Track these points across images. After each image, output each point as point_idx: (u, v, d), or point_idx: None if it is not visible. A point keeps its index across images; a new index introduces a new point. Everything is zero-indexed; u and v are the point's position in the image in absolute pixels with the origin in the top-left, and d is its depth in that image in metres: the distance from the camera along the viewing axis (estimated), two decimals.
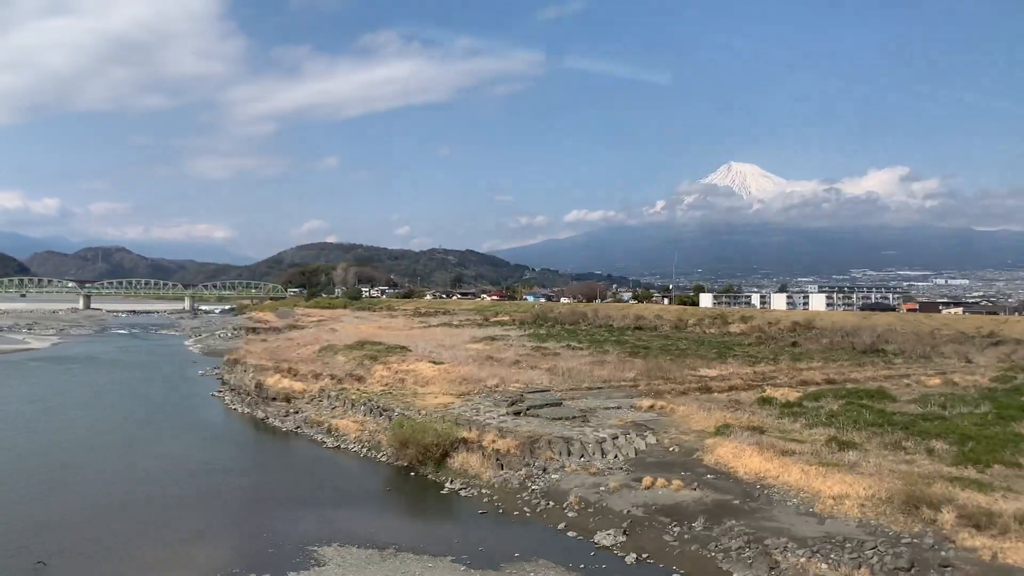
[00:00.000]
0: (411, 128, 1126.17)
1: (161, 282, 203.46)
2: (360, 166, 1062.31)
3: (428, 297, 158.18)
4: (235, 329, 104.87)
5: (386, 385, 42.20)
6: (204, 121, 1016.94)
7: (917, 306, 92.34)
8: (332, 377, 45.08)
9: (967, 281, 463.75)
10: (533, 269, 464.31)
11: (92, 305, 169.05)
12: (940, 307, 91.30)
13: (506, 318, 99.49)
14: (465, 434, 28.85)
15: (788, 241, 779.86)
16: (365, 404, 37.16)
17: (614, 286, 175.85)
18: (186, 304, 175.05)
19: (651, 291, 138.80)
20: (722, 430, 28.19)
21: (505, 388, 39.24)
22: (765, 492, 22.15)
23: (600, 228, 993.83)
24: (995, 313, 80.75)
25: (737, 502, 21.71)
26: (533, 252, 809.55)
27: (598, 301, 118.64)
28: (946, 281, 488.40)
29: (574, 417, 31.56)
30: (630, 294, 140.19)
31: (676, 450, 27.46)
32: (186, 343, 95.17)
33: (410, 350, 56.16)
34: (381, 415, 34.86)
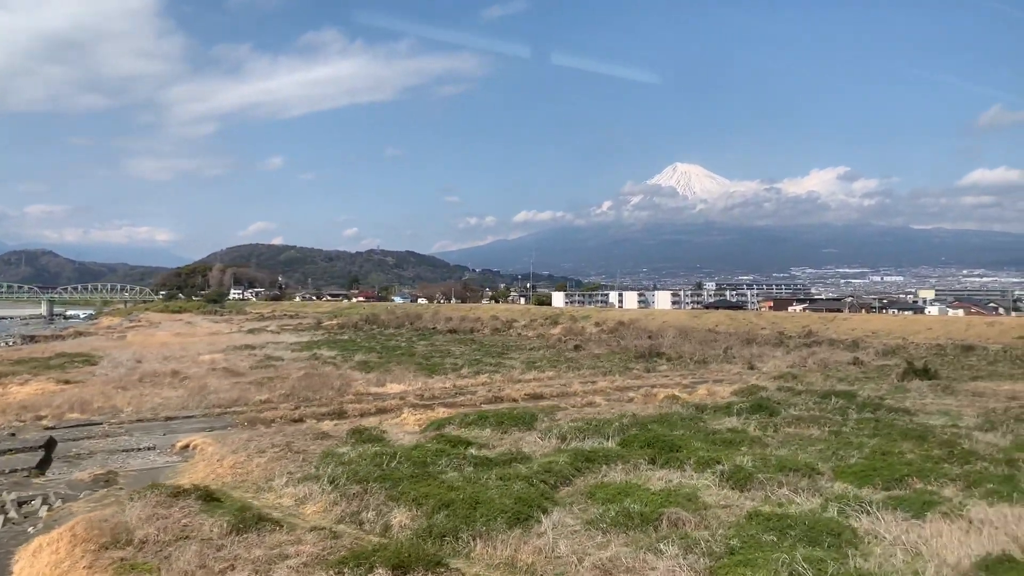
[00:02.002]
0: (357, 128, 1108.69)
1: (25, 286, 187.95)
2: (306, 167, 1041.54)
3: (297, 299, 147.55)
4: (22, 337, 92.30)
5: None
6: (144, 121, 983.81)
7: (772, 304, 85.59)
8: None
9: (902, 278, 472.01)
10: (473, 270, 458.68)
11: None
12: (788, 305, 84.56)
13: (333, 322, 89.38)
14: None
15: (731, 240, 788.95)
16: None
17: (502, 285, 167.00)
18: (43, 309, 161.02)
19: (510, 290, 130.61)
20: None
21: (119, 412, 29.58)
22: None
23: (549, 229, 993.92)
24: (839, 310, 73.89)
25: None
26: (482, 253, 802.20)
27: (453, 301, 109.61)
28: (882, 278, 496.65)
29: (18, 470, 21.70)
30: (516, 293, 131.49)
31: None
32: None
33: (95, 363, 46.10)
34: None
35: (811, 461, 20.87)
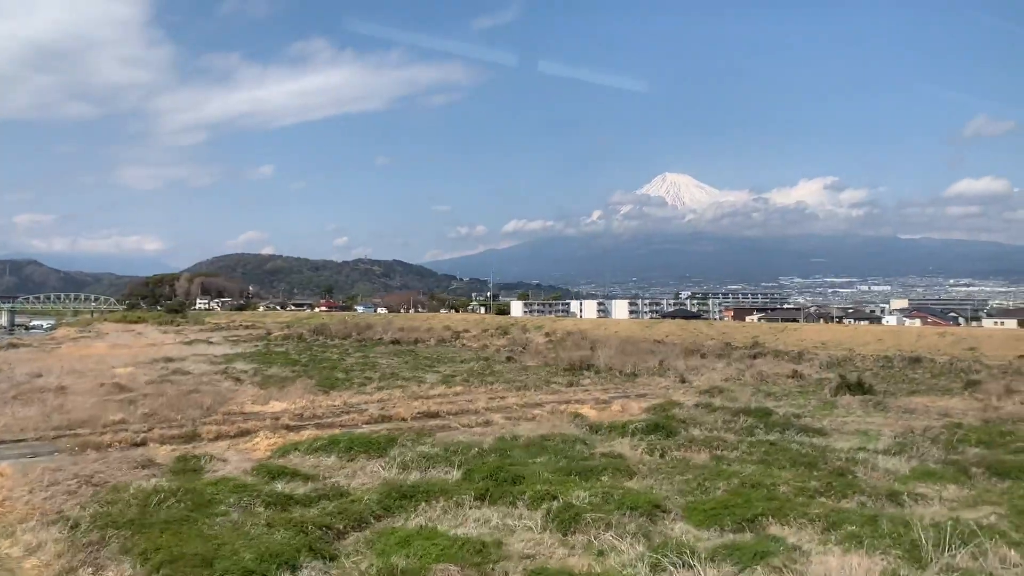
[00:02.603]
0: (348, 137, 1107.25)
1: None
2: (296, 176, 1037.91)
3: (262, 309, 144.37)
4: None
5: None
6: (132, 130, 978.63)
7: (733, 313, 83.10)
8: None
9: (889, 287, 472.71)
10: (461, 279, 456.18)
11: None
12: (749, 314, 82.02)
13: (281, 332, 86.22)
14: None
15: (720, 250, 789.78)
16: None
17: (472, 294, 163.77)
18: (3, 319, 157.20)
19: (471, 300, 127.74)
20: None
21: None
22: None
23: (539, 238, 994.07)
24: (794, 320, 71.33)
25: None
26: (473, 262, 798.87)
27: (413, 311, 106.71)
28: (869, 287, 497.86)
29: None
30: (476, 303, 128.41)
31: None
32: None
33: None
34: None
35: (664, 496, 18.18)
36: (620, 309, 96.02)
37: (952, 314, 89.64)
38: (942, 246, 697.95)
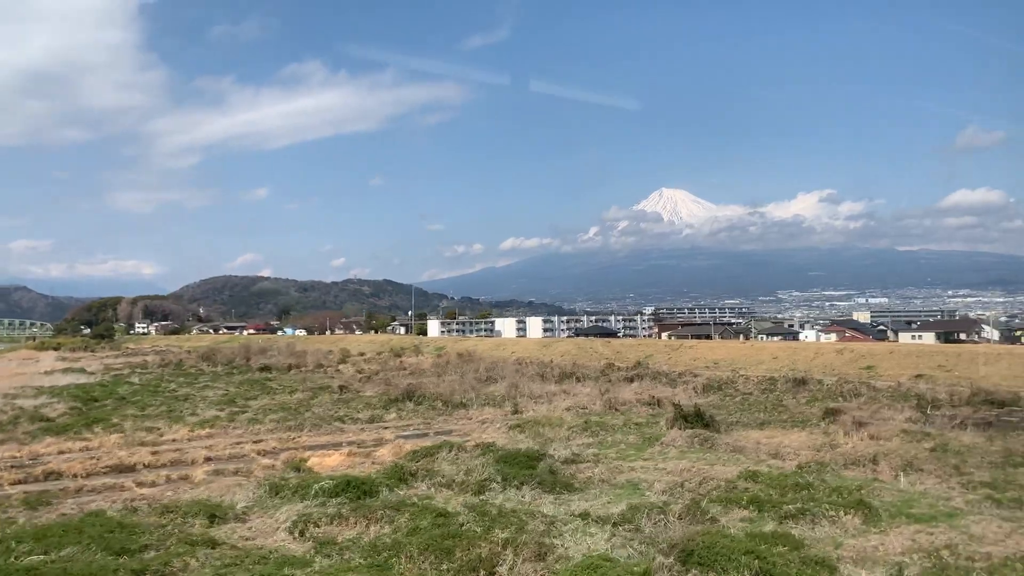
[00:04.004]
0: (342, 158, 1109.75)
1: None
2: (291, 197, 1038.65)
3: (194, 332, 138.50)
4: None
5: None
6: (127, 154, 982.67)
7: (658, 329, 76.35)
8: None
9: (887, 300, 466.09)
10: (452, 298, 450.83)
11: None
12: (672, 329, 75.30)
13: (178, 358, 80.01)
14: None
15: (717, 265, 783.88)
16: None
17: (409, 312, 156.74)
18: None
19: (394, 319, 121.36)
20: None
21: None
22: None
23: (536, 255, 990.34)
24: (708, 336, 64.74)
25: None
26: (470, 281, 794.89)
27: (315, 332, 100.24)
28: (867, 300, 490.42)
29: None
30: (397, 323, 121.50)
31: None
32: None
33: None
34: None
35: None
36: (534, 327, 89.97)
37: (881, 327, 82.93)
38: (940, 257, 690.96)
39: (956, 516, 18.68)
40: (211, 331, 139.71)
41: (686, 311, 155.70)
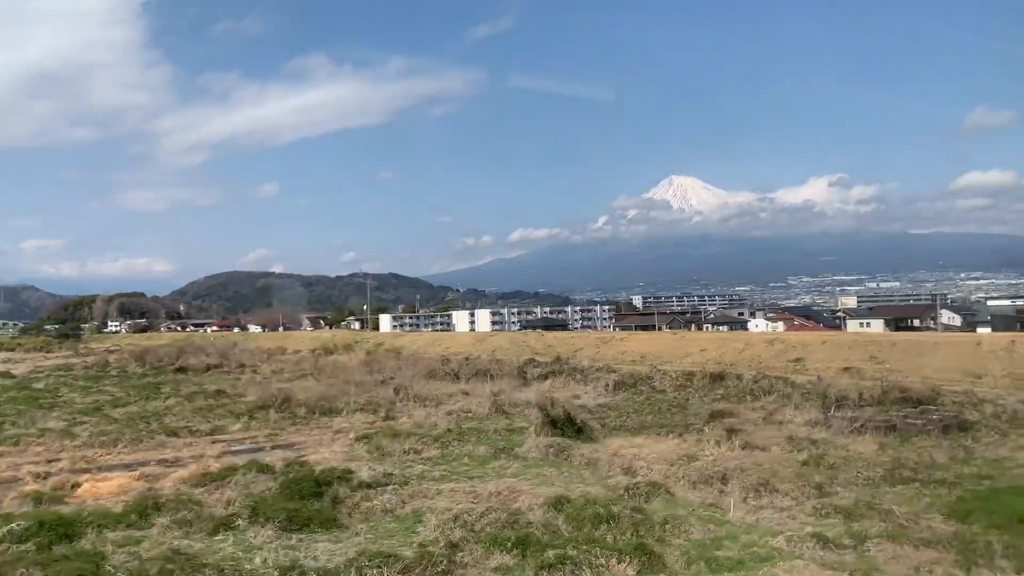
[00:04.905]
0: (350, 152, 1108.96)
1: None
2: (300, 192, 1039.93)
3: (163, 330, 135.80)
4: None
5: None
6: (134, 152, 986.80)
7: (614, 321, 71.99)
8: None
9: (899, 283, 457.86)
10: (458, 290, 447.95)
11: None
12: (627, 319, 70.99)
13: (114, 357, 77.01)
14: None
15: (728, 252, 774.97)
16: None
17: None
18: None
19: (351, 314, 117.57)
20: None
21: None
22: None
23: (546, 246, 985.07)
24: (652, 327, 60.40)
25: None
26: (480, 273, 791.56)
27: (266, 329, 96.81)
28: (878, 284, 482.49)
29: None
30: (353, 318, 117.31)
31: None
32: None
33: None
34: None
35: None
36: (483, 320, 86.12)
37: (839, 315, 77.80)
38: (953, 240, 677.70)
39: (769, 561, 14.65)
40: (179, 329, 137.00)
41: (674, 300, 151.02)
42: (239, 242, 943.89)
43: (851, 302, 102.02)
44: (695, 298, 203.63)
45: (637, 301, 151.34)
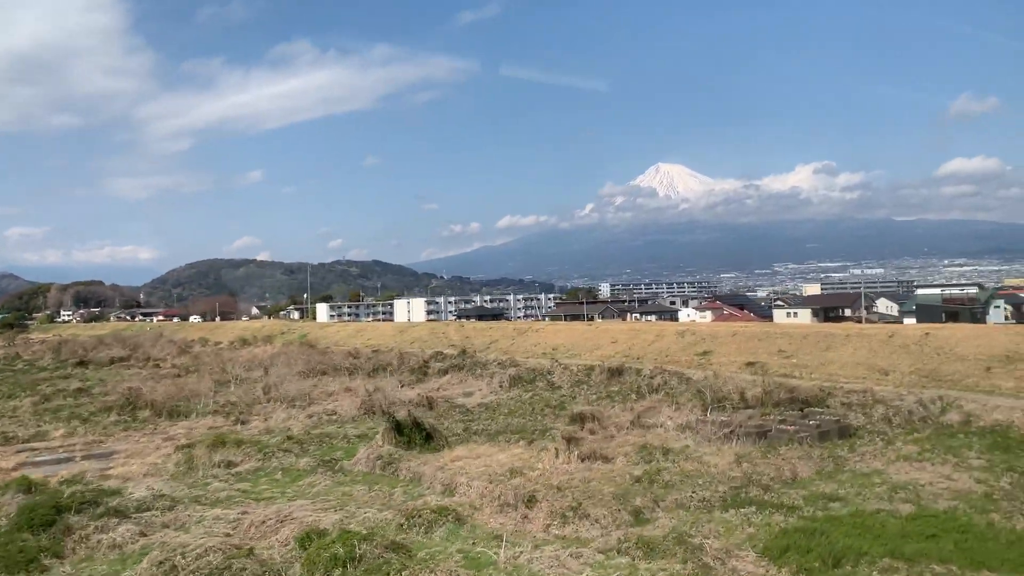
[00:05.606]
0: (335, 139, 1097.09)
1: None
2: (287, 180, 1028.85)
3: (112, 319, 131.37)
4: None
5: None
6: (119, 140, 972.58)
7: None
8: None
9: (883, 270, 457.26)
10: (442, 277, 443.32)
11: None
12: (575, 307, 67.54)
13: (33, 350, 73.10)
14: None
15: (715, 239, 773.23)
16: None
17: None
18: None
19: (296, 303, 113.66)
20: None
21: None
22: None
23: (534, 233, 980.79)
24: (580, 316, 57.12)
25: None
26: (468, 260, 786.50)
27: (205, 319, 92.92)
28: (863, 271, 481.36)
29: None
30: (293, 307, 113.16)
31: None
32: None
33: None
34: None
35: None
36: (417, 310, 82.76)
37: (779, 303, 74.72)
38: (937, 227, 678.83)
39: None
40: (128, 318, 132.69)
41: (642, 287, 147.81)
42: (225, 230, 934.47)
43: (815, 289, 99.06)
44: (675, 285, 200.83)
45: (605, 289, 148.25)
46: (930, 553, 13.15)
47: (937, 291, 67.58)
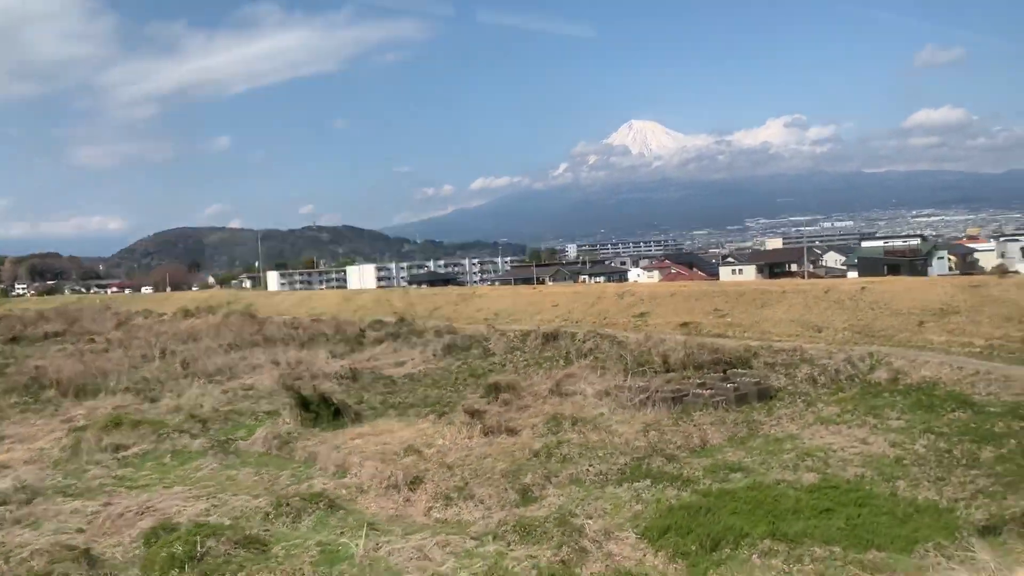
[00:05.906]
0: (303, 102, 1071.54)
1: None
2: (255, 145, 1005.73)
3: (67, 292, 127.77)
4: None
5: None
6: (81, 107, 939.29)
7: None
8: None
9: (852, 223, 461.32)
10: (415, 242, 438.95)
11: None
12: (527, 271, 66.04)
13: None
14: None
15: (687, 196, 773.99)
16: None
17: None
18: None
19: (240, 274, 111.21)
20: None
21: None
22: None
23: (508, 194, 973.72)
24: (531, 279, 55.94)
25: None
26: (443, 223, 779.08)
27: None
28: (832, 224, 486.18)
29: None
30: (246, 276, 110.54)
31: None
32: None
33: None
34: None
35: None
36: (368, 276, 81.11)
37: (731, 260, 74.23)
38: (906, 178, 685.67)
39: None
40: (83, 291, 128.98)
41: (608, 247, 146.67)
42: (195, 198, 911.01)
43: (776, 243, 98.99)
44: (641, 245, 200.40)
45: (572, 250, 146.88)
46: (816, 533, 12.15)
47: (880, 243, 67.27)
